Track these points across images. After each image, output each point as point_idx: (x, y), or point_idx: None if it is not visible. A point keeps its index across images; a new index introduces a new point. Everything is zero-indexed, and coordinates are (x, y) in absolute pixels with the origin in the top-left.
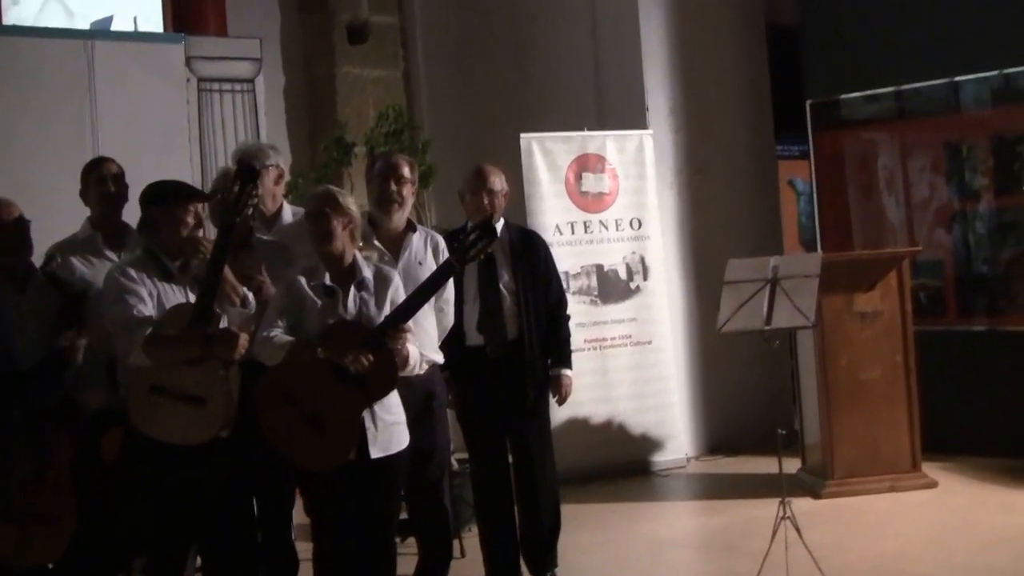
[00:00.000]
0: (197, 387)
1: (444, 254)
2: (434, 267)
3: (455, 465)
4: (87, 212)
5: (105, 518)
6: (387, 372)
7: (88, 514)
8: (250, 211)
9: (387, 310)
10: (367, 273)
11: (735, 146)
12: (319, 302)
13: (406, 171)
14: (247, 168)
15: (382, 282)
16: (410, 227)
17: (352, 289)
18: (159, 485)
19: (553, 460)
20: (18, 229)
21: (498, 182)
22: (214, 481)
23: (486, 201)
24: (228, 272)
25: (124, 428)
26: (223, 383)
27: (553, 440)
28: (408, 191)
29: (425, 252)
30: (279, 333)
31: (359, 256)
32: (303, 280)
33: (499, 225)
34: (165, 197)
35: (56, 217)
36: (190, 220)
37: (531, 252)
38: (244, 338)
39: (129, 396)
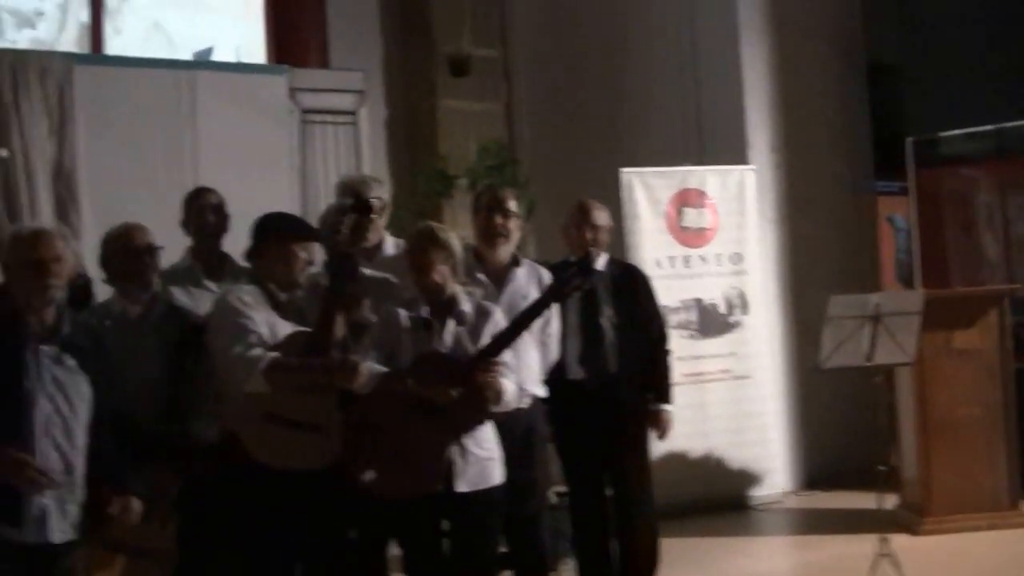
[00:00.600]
0: (312, 415)
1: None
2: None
3: (553, 498)
4: (188, 242)
5: (208, 551)
6: (475, 406)
7: (191, 547)
8: (366, 244)
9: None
10: (466, 307)
11: (835, 182)
12: (414, 334)
13: (512, 205)
14: (363, 201)
15: (482, 317)
16: (515, 261)
17: (450, 323)
18: (270, 512)
19: (652, 495)
20: (148, 256)
21: (601, 217)
22: (321, 507)
23: (589, 236)
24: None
25: (223, 458)
26: (337, 411)
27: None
28: (514, 224)
29: (529, 286)
30: (371, 363)
31: (460, 290)
32: (401, 312)
33: (602, 260)
34: (281, 232)
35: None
36: (303, 257)
37: (633, 287)
38: (365, 368)
39: (243, 423)
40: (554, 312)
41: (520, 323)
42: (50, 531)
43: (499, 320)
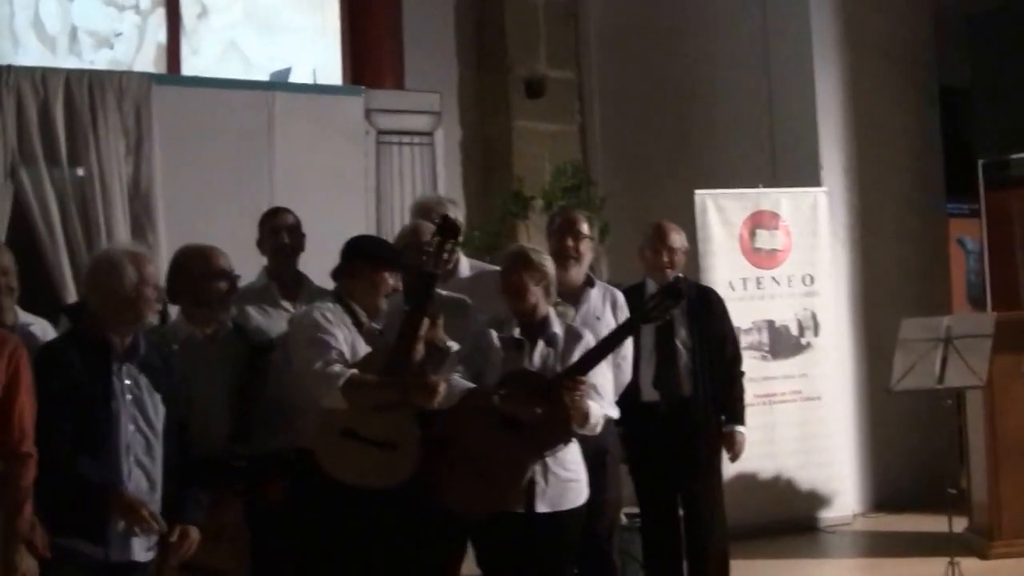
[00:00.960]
0: (389, 432)
1: (623, 309)
2: (612, 322)
3: (623, 520)
4: (264, 261)
5: (280, 569)
6: (559, 425)
7: (261, 565)
8: (450, 265)
9: None
10: (557, 329)
11: (906, 204)
12: (504, 354)
13: (584, 227)
14: (450, 223)
15: (572, 339)
16: (588, 282)
17: (540, 343)
18: (343, 529)
19: (724, 517)
20: (225, 282)
21: (678, 239)
22: (395, 526)
23: (665, 259)
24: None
25: (295, 475)
26: (413, 429)
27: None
28: (586, 246)
29: (604, 307)
30: (457, 378)
31: (552, 312)
32: (493, 332)
33: None
34: (373, 257)
35: (234, 266)
36: (391, 284)
37: (708, 309)
38: (443, 387)
39: (319, 439)
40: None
41: (607, 345)
42: (134, 549)
43: (589, 342)
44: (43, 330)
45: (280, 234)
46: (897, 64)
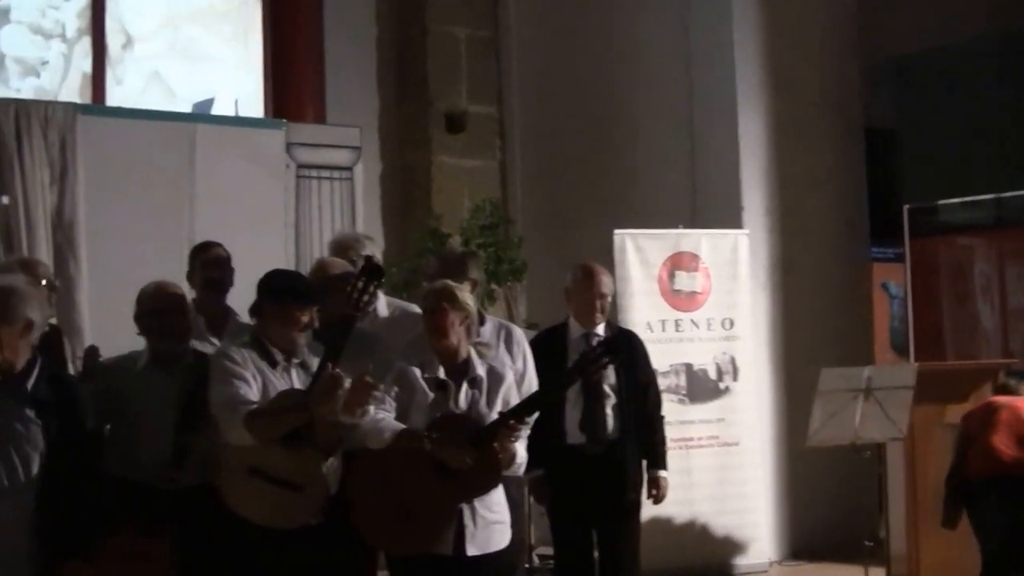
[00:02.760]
0: (294, 473)
1: (517, 344)
2: (505, 357)
3: (536, 560)
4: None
5: None
6: (489, 471)
7: None
8: (371, 307)
9: (498, 408)
10: (480, 371)
11: (830, 248)
12: (430, 395)
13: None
14: (374, 267)
15: (495, 380)
16: (479, 320)
17: (464, 385)
18: (248, 566)
19: (639, 561)
20: (181, 311)
21: (607, 283)
22: (304, 566)
23: (597, 305)
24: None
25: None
26: (319, 471)
27: None
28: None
29: (498, 343)
30: (389, 417)
31: (474, 352)
32: (416, 371)
33: (600, 327)
34: (283, 296)
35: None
36: (304, 321)
37: (632, 353)
38: (347, 382)
39: (225, 476)
40: (532, 373)
41: (543, 396)
42: None
43: (511, 384)
44: None
45: (212, 268)
46: (822, 106)
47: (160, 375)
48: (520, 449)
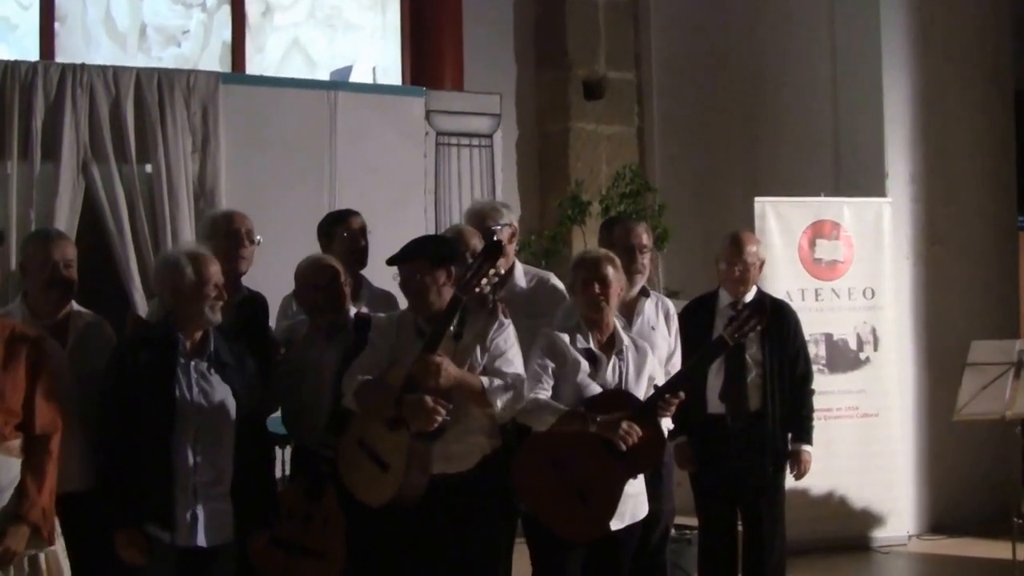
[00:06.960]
0: (387, 452)
1: (674, 319)
2: (665, 332)
3: (672, 531)
4: None
5: (374, 551)
6: (654, 446)
7: (357, 548)
8: (487, 290)
9: (644, 383)
10: (627, 344)
11: (976, 218)
12: (586, 366)
13: (645, 239)
14: (492, 245)
15: (641, 355)
16: (644, 292)
17: (613, 358)
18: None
19: (783, 535)
20: (337, 283)
21: (754, 252)
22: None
23: (740, 273)
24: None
25: None
26: (410, 455)
27: None
28: (647, 259)
29: (657, 318)
30: (546, 396)
31: (619, 326)
32: (566, 338)
33: (751, 294)
34: (419, 257)
35: (293, 264)
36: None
37: (781, 323)
38: (441, 414)
39: (343, 441)
40: (677, 344)
41: (700, 362)
42: (198, 536)
43: (654, 360)
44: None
45: (358, 238)
46: (971, 67)
47: (321, 344)
48: (667, 422)
